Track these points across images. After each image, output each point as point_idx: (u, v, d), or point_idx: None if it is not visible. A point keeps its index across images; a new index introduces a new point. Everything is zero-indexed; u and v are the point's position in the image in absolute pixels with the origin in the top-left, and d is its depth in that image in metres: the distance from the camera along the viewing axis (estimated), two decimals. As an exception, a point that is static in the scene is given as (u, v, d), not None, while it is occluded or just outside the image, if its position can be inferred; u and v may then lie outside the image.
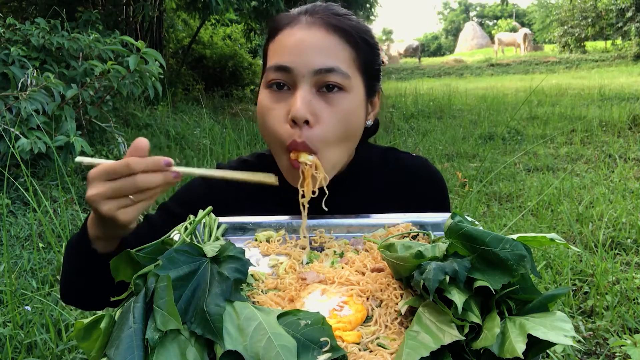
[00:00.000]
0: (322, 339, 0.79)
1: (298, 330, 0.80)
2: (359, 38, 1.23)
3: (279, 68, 1.19)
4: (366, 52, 1.25)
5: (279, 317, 0.83)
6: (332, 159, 1.23)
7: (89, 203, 1.01)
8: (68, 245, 1.26)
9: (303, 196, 1.20)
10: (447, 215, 0.97)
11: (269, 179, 1.17)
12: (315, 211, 1.28)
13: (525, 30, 36.98)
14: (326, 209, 1.21)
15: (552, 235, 0.95)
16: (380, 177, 1.45)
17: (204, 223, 1.15)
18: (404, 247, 0.98)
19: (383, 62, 1.36)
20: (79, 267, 1.18)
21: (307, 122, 1.16)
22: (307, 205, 1.20)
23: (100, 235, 1.11)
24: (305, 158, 1.18)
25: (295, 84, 1.18)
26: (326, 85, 1.18)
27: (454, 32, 78.60)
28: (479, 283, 0.86)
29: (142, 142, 0.99)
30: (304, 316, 0.82)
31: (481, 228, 0.92)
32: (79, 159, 1.06)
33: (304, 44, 1.18)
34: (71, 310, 2.86)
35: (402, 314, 0.93)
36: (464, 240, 0.91)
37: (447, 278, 0.85)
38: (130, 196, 0.99)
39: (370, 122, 1.36)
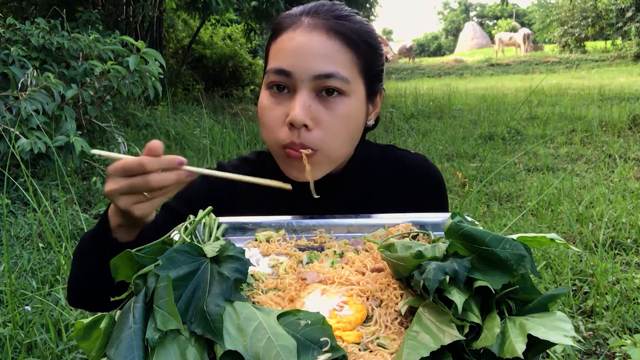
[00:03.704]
0: (322, 339, 0.79)
1: (298, 330, 0.80)
2: (360, 41, 1.23)
3: (279, 71, 1.20)
4: (368, 55, 1.25)
5: (279, 317, 0.83)
6: (331, 156, 1.25)
7: (107, 197, 1.04)
8: (81, 243, 1.26)
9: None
10: (447, 215, 0.97)
11: (285, 185, 1.18)
12: (315, 209, 1.29)
13: (526, 30, 36.97)
14: (317, 196, 1.23)
15: (552, 235, 0.95)
16: (380, 173, 1.47)
17: (204, 223, 1.15)
18: (404, 247, 0.98)
19: (387, 58, 1.36)
20: (97, 260, 1.15)
21: (305, 125, 1.18)
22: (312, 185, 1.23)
23: (122, 223, 1.13)
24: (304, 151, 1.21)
25: (295, 87, 1.20)
26: (326, 89, 1.19)
27: (454, 32, 78.64)
28: (479, 283, 0.86)
29: (156, 144, 1.02)
30: (304, 316, 0.82)
31: (481, 228, 0.92)
32: (94, 151, 1.11)
33: (304, 48, 1.19)
34: (71, 310, 2.85)
35: (402, 314, 0.93)
36: (464, 240, 0.91)
37: (447, 278, 0.85)
38: (145, 193, 1.03)
39: (371, 122, 1.37)
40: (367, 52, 1.25)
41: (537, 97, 12.85)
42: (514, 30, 52.71)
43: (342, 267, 1.06)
